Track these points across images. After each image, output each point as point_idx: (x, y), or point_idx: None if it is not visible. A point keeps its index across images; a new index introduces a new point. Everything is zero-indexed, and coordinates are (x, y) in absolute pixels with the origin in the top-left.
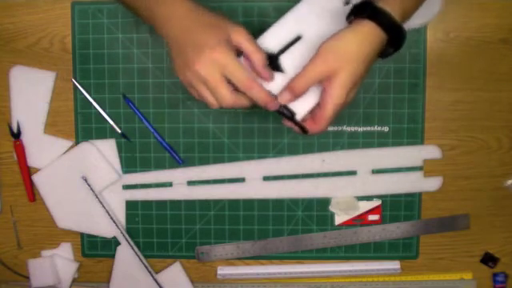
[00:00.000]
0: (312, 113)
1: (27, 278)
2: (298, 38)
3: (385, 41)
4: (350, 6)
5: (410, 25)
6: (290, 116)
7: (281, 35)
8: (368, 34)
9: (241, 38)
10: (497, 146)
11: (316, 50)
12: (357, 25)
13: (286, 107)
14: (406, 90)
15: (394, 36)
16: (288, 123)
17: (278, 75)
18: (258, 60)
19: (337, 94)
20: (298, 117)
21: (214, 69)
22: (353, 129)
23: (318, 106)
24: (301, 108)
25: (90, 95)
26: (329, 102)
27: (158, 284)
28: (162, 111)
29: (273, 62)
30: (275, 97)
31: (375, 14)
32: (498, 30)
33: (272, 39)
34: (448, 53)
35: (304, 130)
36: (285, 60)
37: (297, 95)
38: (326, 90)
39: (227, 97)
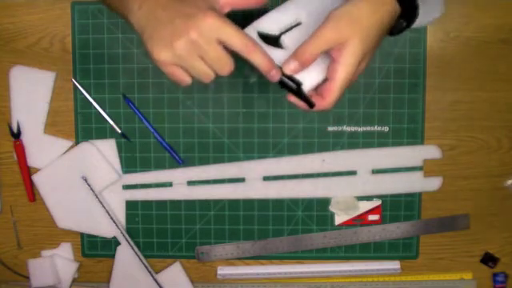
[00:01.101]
0: (318, 89)
1: (27, 277)
2: (297, 24)
3: (398, 12)
4: None
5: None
6: (295, 88)
7: (280, 20)
8: (380, 2)
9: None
10: (497, 146)
11: (326, 17)
12: None
13: (291, 78)
14: (406, 90)
15: (407, 7)
16: (292, 98)
17: (279, 52)
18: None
19: (348, 62)
20: (305, 88)
21: (212, 34)
22: (353, 129)
23: (326, 79)
24: (307, 81)
25: (90, 95)
26: (339, 71)
27: (158, 284)
28: (162, 111)
29: (273, 42)
30: (279, 68)
31: None
32: (498, 30)
33: (271, 23)
34: (448, 53)
35: (310, 105)
36: (285, 39)
37: (304, 64)
38: (335, 60)
39: (229, 63)
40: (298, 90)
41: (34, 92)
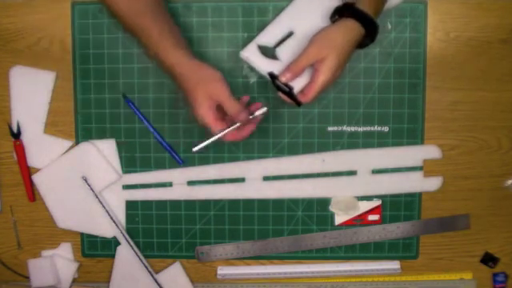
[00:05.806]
0: (302, 90)
1: (27, 277)
2: (290, 34)
3: (363, 33)
4: (332, 7)
5: (388, 5)
6: (288, 91)
7: (276, 32)
8: (350, 27)
9: (218, 93)
10: (497, 145)
11: (309, 39)
12: (341, 21)
13: (285, 84)
14: (406, 90)
15: (370, 29)
16: (283, 96)
17: (276, 63)
18: (230, 107)
19: (326, 72)
20: (295, 90)
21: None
22: (353, 129)
23: (309, 82)
24: (296, 85)
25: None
26: (319, 77)
27: (158, 284)
28: (162, 111)
29: (270, 54)
30: (276, 76)
31: (355, 13)
32: (499, 30)
33: (269, 36)
34: (448, 53)
35: (298, 104)
36: (280, 51)
37: (295, 75)
38: (317, 69)
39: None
40: (290, 93)
41: (34, 92)
